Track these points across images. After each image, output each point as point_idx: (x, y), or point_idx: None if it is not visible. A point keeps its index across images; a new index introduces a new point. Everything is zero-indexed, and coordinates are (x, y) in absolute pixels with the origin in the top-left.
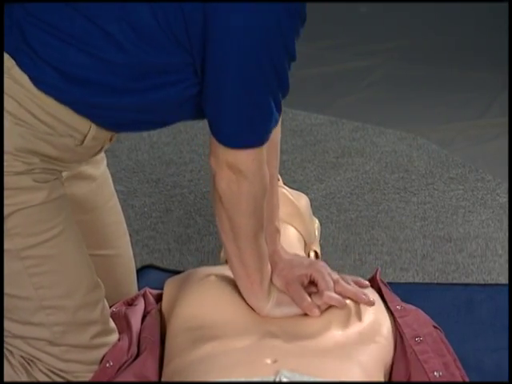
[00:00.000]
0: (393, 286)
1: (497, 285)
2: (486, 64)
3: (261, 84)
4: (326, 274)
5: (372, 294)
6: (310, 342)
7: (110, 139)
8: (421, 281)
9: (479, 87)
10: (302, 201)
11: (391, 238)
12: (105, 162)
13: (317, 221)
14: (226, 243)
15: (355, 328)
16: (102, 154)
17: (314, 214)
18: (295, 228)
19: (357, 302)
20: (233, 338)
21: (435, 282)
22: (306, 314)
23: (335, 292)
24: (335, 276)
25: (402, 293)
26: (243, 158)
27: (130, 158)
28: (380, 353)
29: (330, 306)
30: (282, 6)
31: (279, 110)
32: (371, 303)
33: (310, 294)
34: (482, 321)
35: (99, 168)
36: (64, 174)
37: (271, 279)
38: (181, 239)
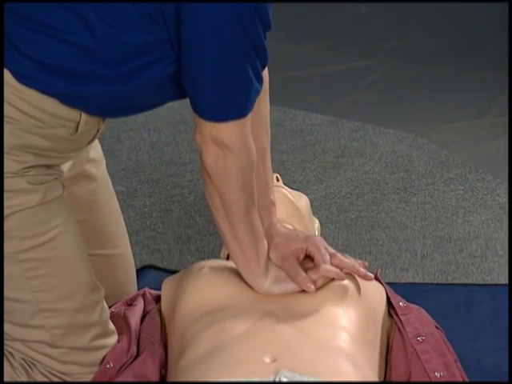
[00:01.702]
0: (393, 286)
1: (497, 285)
2: (485, 64)
3: (237, 55)
4: (322, 248)
5: (376, 284)
6: (308, 322)
7: (104, 120)
8: (421, 281)
9: (479, 87)
10: (302, 201)
11: (391, 238)
12: (104, 162)
13: (317, 221)
14: (218, 220)
15: (353, 305)
16: (102, 154)
17: (314, 214)
18: (295, 228)
19: (355, 278)
20: (232, 321)
21: (435, 282)
22: (304, 291)
23: (332, 265)
24: (332, 250)
25: (402, 293)
26: (227, 131)
27: (130, 158)
28: (378, 329)
29: (328, 282)
30: None
31: (260, 80)
32: (369, 277)
33: (306, 269)
34: (482, 321)
35: (100, 168)
36: (66, 172)
37: (268, 255)
38: (181, 239)
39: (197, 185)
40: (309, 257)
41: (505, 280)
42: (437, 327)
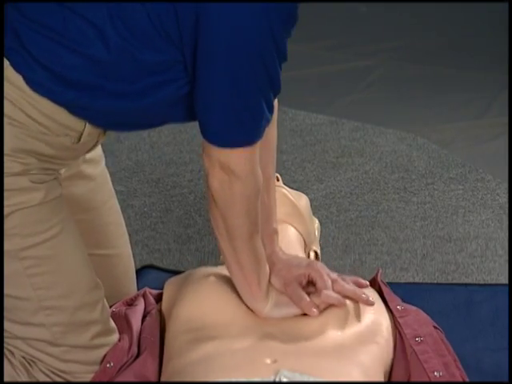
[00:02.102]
0: (393, 286)
1: (497, 285)
2: (485, 64)
3: (251, 84)
4: (325, 274)
5: (372, 294)
6: (309, 342)
7: (104, 133)
8: (421, 281)
9: (479, 87)
10: (302, 201)
11: (391, 238)
12: (103, 161)
13: (317, 221)
14: (221, 244)
15: (354, 328)
16: (101, 153)
17: (314, 214)
18: (295, 228)
19: (356, 302)
20: (232, 339)
21: (435, 282)
22: (305, 315)
23: (334, 291)
24: (334, 276)
25: (402, 293)
26: (235, 157)
27: (130, 158)
28: (379, 353)
29: (329, 306)
30: (274, 6)
31: (271, 110)
32: (370, 303)
33: (308, 294)
34: (482, 321)
35: (98, 168)
36: (63, 172)
37: (269, 280)
38: (181, 239)
39: (197, 185)
40: (311, 282)
41: (505, 280)
42: (436, 327)
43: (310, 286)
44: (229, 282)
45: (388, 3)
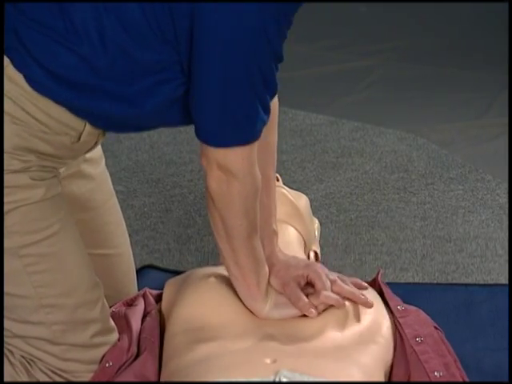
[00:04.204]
0: (393, 286)
1: (497, 285)
2: (486, 64)
3: (246, 85)
4: (323, 275)
5: (372, 293)
6: (309, 343)
7: (104, 133)
8: (421, 281)
9: (479, 87)
10: (302, 201)
11: (391, 237)
12: (103, 161)
13: (317, 221)
14: (220, 244)
15: (354, 328)
16: (101, 153)
17: (313, 214)
18: (295, 228)
19: (355, 303)
20: (231, 340)
21: (435, 282)
22: (304, 315)
23: (333, 292)
24: (332, 276)
25: (401, 293)
26: (232, 157)
27: (130, 158)
28: (379, 353)
29: (328, 307)
30: (268, 6)
31: (267, 112)
32: (369, 304)
33: (307, 295)
34: (482, 321)
35: (98, 167)
36: (62, 172)
37: (268, 281)
38: (181, 239)
39: (197, 185)
40: (310, 283)
41: (505, 280)
42: (436, 328)
43: (309, 286)
44: (229, 282)
45: (388, 3)
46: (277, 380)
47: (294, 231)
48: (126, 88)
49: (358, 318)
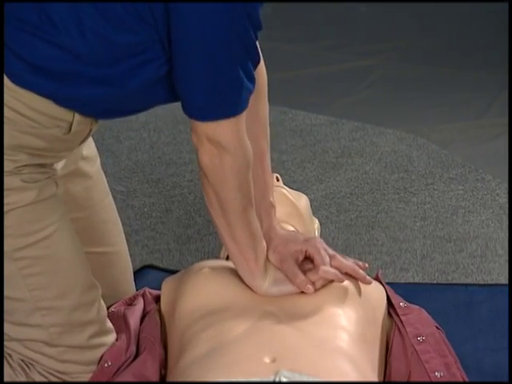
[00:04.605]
0: (393, 286)
1: (497, 285)
2: (486, 64)
3: (226, 55)
4: (322, 249)
5: (376, 284)
6: (307, 323)
7: (97, 120)
8: (421, 281)
9: (479, 87)
10: (302, 201)
11: (391, 238)
12: (99, 159)
13: (317, 221)
14: (215, 220)
15: (353, 304)
16: (96, 152)
17: (314, 214)
18: (295, 228)
19: (354, 278)
20: (232, 321)
21: (435, 282)
22: (303, 292)
23: (332, 267)
24: (331, 252)
25: (402, 293)
26: (221, 130)
27: (130, 158)
28: (379, 330)
29: (328, 283)
30: None
31: (251, 80)
32: (368, 280)
33: (306, 271)
34: (482, 321)
35: (94, 165)
36: (59, 171)
37: (267, 256)
38: (181, 239)
39: (197, 185)
40: (308, 258)
41: (505, 280)
42: (437, 328)
43: (308, 262)
44: (223, 268)
45: (388, 3)
46: (277, 380)
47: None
48: (109, 70)
49: (358, 294)
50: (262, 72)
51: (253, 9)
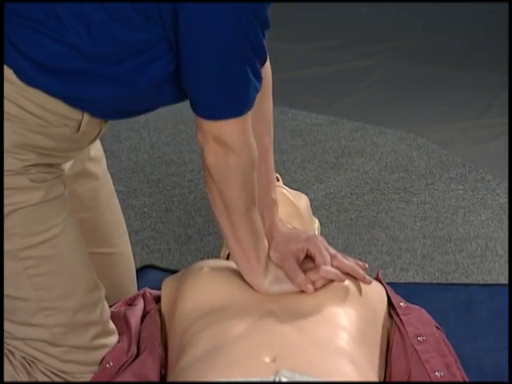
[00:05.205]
0: (393, 286)
1: (497, 285)
2: (486, 64)
3: (234, 53)
4: (323, 249)
5: (377, 284)
6: (308, 322)
7: (106, 120)
8: (421, 281)
9: (479, 87)
10: (302, 201)
11: (391, 237)
12: (105, 160)
13: (317, 221)
14: (218, 219)
15: (354, 305)
16: (102, 152)
17: (314, 214)
18: (296, 228)
19: (355, 278)
20: (232, 320)
21: (435, 282)
22: (304, 291)
23: (333, 267)
24: (333, 251)
25: (402, 293)
26: (227, 129)
27: (130, 158)
28: (380, 328)
29: (329, 283)
30: None
31: (258, 78)
32: (368, 280)
33: (307, 270)
34: (482, 321)
35: (101, 166)
36: (67, 171)
37: (268, 254)
38: (181, 239)
39: (197, 185)
40: (310, 257)
41: (505, 280)
42: (437, 328)
43: (309, 261)
44: (224, 268)
45: (388, 3)
46: (277, 380)
47: None
48: (116, 68)
49: (358, 294)
50: (267, 70)
51: (261, 8)
